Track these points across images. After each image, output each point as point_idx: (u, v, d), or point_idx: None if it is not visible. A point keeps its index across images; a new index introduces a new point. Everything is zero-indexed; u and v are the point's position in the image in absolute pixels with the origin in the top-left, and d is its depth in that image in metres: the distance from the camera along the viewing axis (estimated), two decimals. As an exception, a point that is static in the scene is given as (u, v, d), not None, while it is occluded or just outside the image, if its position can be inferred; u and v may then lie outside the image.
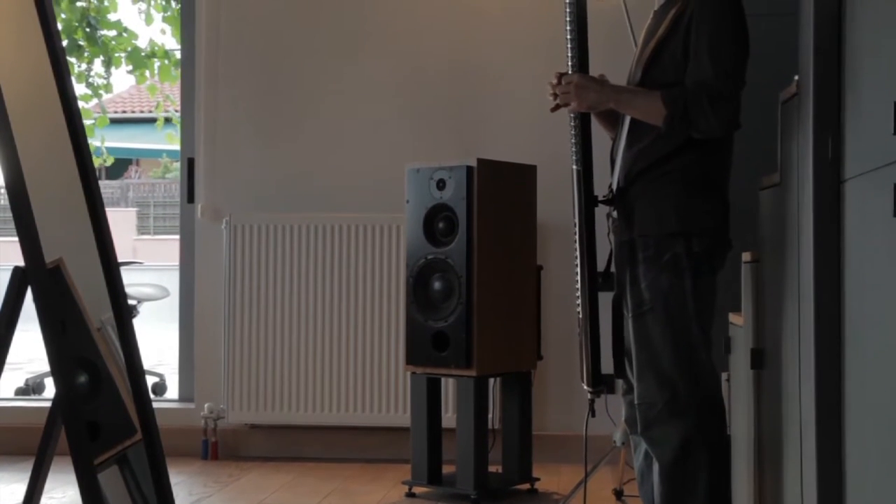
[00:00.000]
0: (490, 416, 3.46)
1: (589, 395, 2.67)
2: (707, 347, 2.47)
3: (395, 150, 4.08)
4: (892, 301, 1.78)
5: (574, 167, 2.55)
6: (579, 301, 2.58)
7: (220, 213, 4.13)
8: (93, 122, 7.46)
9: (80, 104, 7.51)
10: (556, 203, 3.53)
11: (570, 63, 2.54)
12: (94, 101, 7.41)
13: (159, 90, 7.63)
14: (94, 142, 7.60)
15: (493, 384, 3.57)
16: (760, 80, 2.63)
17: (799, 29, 2.33)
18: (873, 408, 1.91)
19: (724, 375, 3.14)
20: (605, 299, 2.58)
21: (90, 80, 7.11)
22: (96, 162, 7.92)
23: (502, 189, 3.27)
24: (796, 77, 2.38)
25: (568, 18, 2.51)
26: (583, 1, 2.52)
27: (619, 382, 2.65)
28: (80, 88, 7.14)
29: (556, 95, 2.56)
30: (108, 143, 7.77)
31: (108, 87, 7.38)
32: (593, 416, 2.71)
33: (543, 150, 3.63)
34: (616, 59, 2.87)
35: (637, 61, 2.58)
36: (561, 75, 2.55)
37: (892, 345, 1.79)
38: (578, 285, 2.57)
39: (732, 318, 3.08)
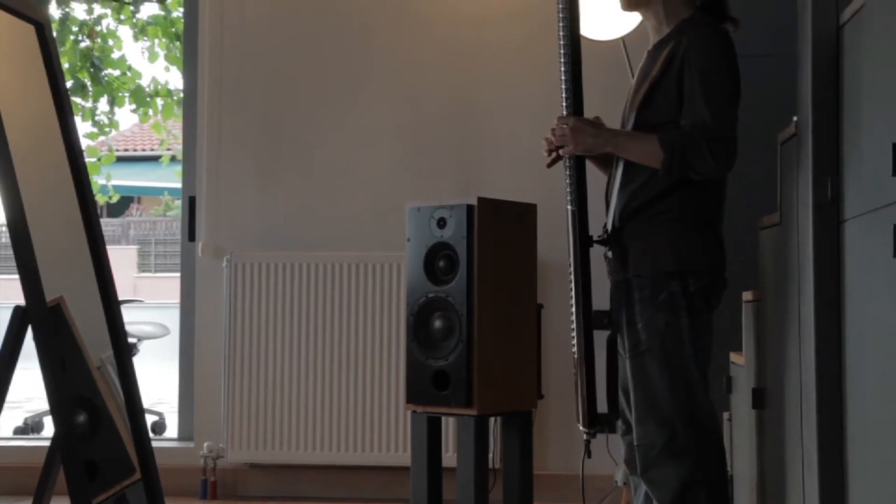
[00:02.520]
0: (490, 455, 3.44)
1: (585, 436, 2.65)
2: (705, 387, 2.46)
3: (396, 189, 4.09)
4: (893, 341, 1.78)
5: (569, 207, 2.55)
6: (574, 341, 2.58)
7: (221, 252, 4.13)
8: (95, 159, 7.50)
9: (87, 142, 7.58)
10: (556, 241, 3.53)
11: (564, 105, 2.55)
12: (101, 138, 7.46)
13: (164, 128, 7.67)
14: (99, 179, 7.63)
15: (494, 423, 3.55)
16: (759, 120, 2.65)
17: (798, 70, 2.35)
18: (875, 448, 1.90)
19: (725, 415, 3.13)
20: (601, 339, 2.57)
21: (96, 117, 7.16)
22: (101, 199, 7.96)
23: (503, 227, 3.28)
24: (795, 118, 2.39)
25: (562, 60, 2.53)
26: (577, 45, 2.53)
27: (619, 422, 2.64)
28: (86, 126, 7.19)
29: (550, 152, 2.58)
30: (101, 181, 7.79)
31: (115, 124, 7.43)
32: (589, 456, 2.70)
33: (543, 188, 3.64)
34: (614, 98, 2.88)
35: (631, 101, 2.59)
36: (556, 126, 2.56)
37: (893, 384, 1.78)
38: (573, 325, 2.57)
39: (733, 357, 3.08)
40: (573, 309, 2.57)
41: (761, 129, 2.69)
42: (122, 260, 15.02)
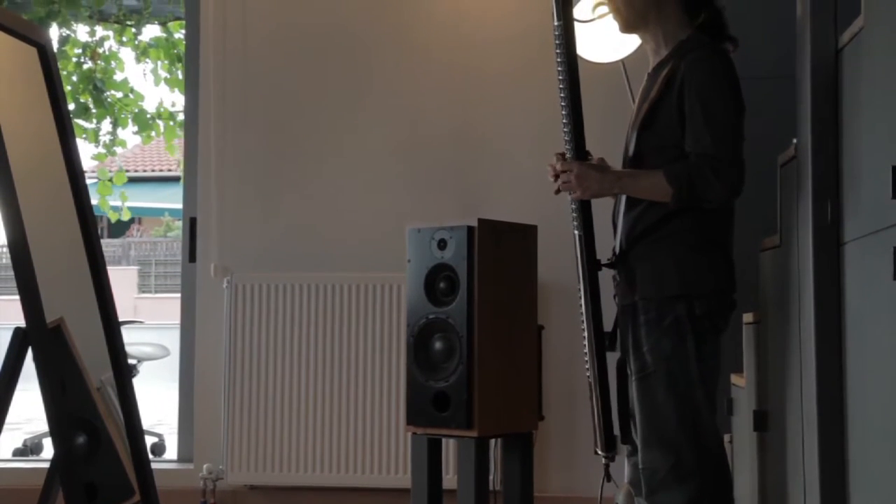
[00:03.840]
0: (491, 477, 3.43)
1: (604, 460, 2.64)
2: (711, 410, 2.44)
3: (397, 210, 4.10)
4: (894, 363, 1.78)
5: (575, 232, 2.55)
6: (588, 366, 2.57)
7: (221, 273, 4.13)
8: (97, 181, 7.51)
9: (94, 163, 7.59)
10: (556, 263, 3.54)
11: (567, 148, 2.55)
12: (109, 158, 7.47)
13: (179, 148, 7.68)
14: (112, 200, 7.62)
15: (495, 445, 3.54)
16: (759, 142, 2.65)
17: (797, 93, 2.36)
18: (877, 470, 1.89)
19: (726, 437, 3.12)
20: (613, 361, 2.57)
21: (101, 138, 7.18)
22: (114, 217, 7.96)
23: (503, 249, 3.28)
24: (795, 140, 2.40)
25: (561, 96, 2.53)
26: (576, 88, 2.52)
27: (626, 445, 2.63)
28: (91, 148, 7.20)
29: (556, 177, 2.58)
30: (115, 202, 7.78)
31: (122, 143, 7.45)
32: (608, 480, 2.68)
33: (544, 209, 3.64)
34: (614, 121, 2.89)
35: (632, 124, 2.59)
36: (560, 156, 2.56)
37: (894, 406, 1.78)
38: (586, 349, 2.56)
39: (734, 379, 3.07)
40: (584, 333, 2.56)
41: (761, 151, 2.69)
42: (122, 280, 15.03)
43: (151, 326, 9.09)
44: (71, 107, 6.74)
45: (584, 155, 2.56)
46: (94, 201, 2.68)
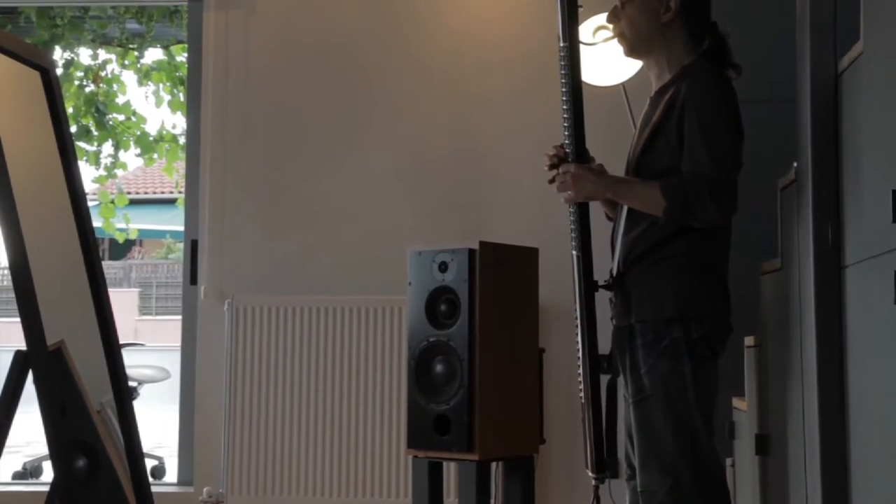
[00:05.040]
0: (492, 500, 3.42)
1: (594, 482, 2.63)
2: (709, 433, 2.44)
3: (398, 233, 4.10)
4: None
5: (573, 253, 2.56)
6: (581, 386, 2.57)
7: (222, 295, 4.13)
8: (98, 203, 7.52)
9: (96, 186, 7.61)
10: (557, 285, 3.53)
11: (567, 151, 2.56)
12: (109, 181, 7.49)
13: (177, 170, 7.70)
14: (116, 221, 7.64)
15: (496, 468, 3.53)
16: (760, 165, 2.66)
17: (797, 117, 2.37)
18: (880, 494, 1.89)
19: (728, 461, 3.11)
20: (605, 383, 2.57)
21: (101, 161, 7.19)
22: (120, 237, 7.97)
23: (504, 271, 3.28)
24: (795, 164, 2.40)
25: (564, 107, 2.54)
26: (579, 92, 2.55)
27: (624, 466, 2.62)
28: (92, 171, 7.21)
29: (552, 166, 2.59)
30: (120, 224, 7.79)
31: (123, 165, 7.46)
32: (598, 502, 2.68)
33: (545, 232, 3.65)
34: (614, 143, 2.90)
35: (634, 147, 2.60)
36: (557, 148, 2.58)
37: (896, 432, 1.78)
38: (580, 370, 2.56)
39: (736, 402, 3.07)
40: (579, 354, 2.56)
41: (762, 174, 2.70)
42: (123, 303, 15.02)
43: (152, 349, 9.08)
44: (72, 129, 6.76)
45: (585, 157, 2.56)
46: (96, 224, 2.68)
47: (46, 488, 2.22)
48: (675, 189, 2.38)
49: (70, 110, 6.89)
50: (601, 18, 3.23)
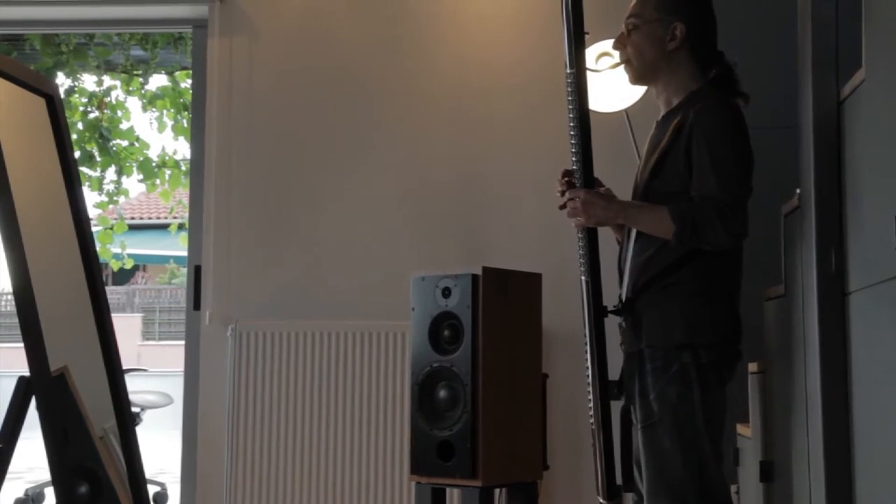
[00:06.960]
0: (495, 528, 3.40)
1: (605, 508, 2.62)
2: (717, 460, 2.43)
3: (401, 258, 4.10)
4: (901, 414, 1.77)
5: (582, 278, 2.56)
6: (592, 412, 2.56)
7: (226, 321, 4.13)
8: (108, 227, 7.55)
9: (97, 211, 7.64)
10: (561, 311, 3.53)
11: (575, 177, 2.57)
12: (111, 206, 7.51)
13: (173, 196, 7.72)
14: (113, 248, 7.67)
15: (499, 494, 3.52)
16: (763, 191, 2.66)
17: (800, 143, 2.37)
18: (885, 523, 1.88)
19: (733, 488, 3.10)
20: (616, 409, 2.55)
21: (104, 186, 7.22)
22: (116, 265, 7.99)
23: (507, 297, 3.28)
24: (798, 190, 2.40)
25: (572, 133, 2.55)
26: (586, 117, 2.56)
27: (630, 494, 2.61)
28: (94, 196, 7.23)
29: (563, 193, 2.59)
30: (116, 249, 7.83)
31: (125, 192, 7.49)
32: None
33: (548, 258, 3.65)
34: (618, 168, 2.90)
35: (641, 171, 2.61)
36: (566, 173, 2.59)
37: (901, 459, 1.77)
38: (591, 396, 2.55)
39: (740, 429, 3.06)
40: (589, 379, 2.55)
41: (765, 200, 2.70)
42: (126, 328, 15.02)
43: (155, 374, 9.07)
44: (76, 155, 6.78)
45: (592, 182, 2.57)
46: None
47: (48, 515, 2.21)
48: (685, 212, 2.38)
49: (73, 136, 6.92)
50: (604, 45, 3.25)
